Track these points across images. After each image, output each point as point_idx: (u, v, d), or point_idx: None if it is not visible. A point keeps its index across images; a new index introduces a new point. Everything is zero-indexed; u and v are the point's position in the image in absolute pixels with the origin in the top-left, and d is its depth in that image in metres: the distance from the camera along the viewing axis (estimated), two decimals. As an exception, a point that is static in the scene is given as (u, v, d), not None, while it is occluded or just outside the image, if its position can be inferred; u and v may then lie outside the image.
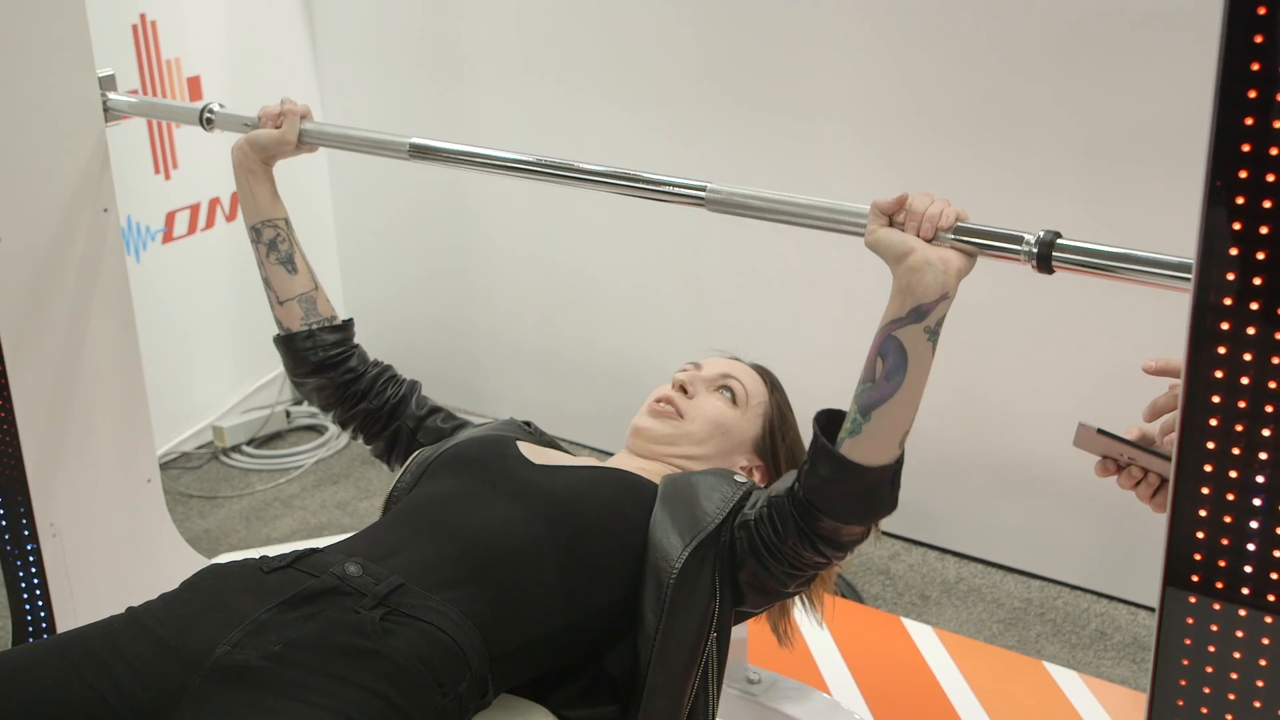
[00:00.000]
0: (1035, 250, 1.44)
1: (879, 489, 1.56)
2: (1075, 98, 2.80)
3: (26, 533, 2.29)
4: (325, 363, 2.03)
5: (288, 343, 2.05)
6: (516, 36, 3.59)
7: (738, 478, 1.76)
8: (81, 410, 2.34)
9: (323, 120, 4.06)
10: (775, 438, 1.95)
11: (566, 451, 1.98)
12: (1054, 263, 1.44)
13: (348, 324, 2.08)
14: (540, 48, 3.57)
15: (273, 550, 1.71)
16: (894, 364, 1.50)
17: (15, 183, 2.17)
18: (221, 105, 2.24)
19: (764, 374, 1.99)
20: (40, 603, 2.34)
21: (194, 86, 3.63)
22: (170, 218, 3.67)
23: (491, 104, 3.70)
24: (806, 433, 1.95)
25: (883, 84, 3.04)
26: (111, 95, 2.32)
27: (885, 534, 3.36)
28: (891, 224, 1.51)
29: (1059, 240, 1.44)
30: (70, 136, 2.24)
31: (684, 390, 1.94)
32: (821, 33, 3.08)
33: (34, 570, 2.32)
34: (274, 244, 2.06)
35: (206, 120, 2.23)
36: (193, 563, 2.60)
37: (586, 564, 1.67)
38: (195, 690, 1.45)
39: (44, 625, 2.36)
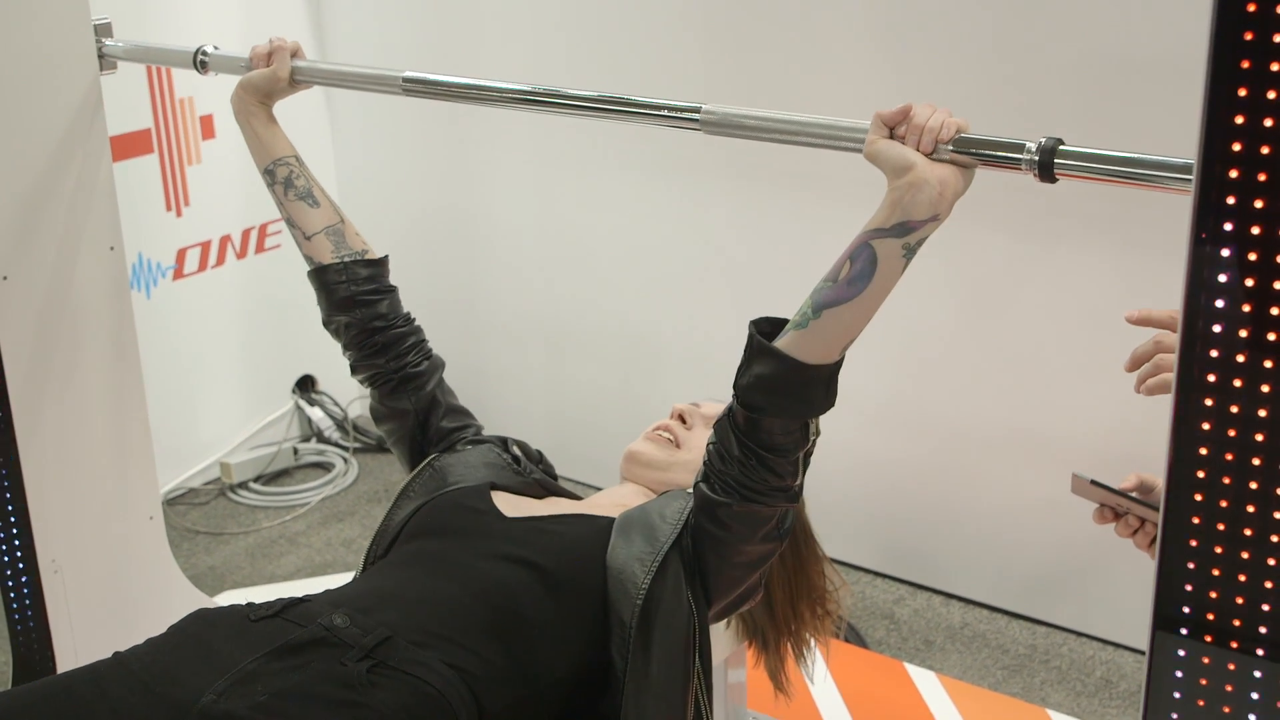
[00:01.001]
0: (1037, 158, 1.41)
1: (813, 386, 1.54)
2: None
3: (28, 568, 2.30)
4: (356, 298, 2.00)
5: (320, 275, 2.02)
6: (526, 71, 3.61)
7: (690, 490, 1.75)
8: (84, 447, 2.34)
9: (335, 162, 4.09)
10: None
11: (545, 485, 1.98)
12: (1056, 170, 1.41)
13: (383, 260, 2.06)
14: (551, 84, 3.58)
15: (268, 590, 1.71)
16: (860, 270, 1.47)
17: (22, 221, 2.18)
18: (216, 47, 2.24)
19: None
20: (41, 640, 2.34)
21: (206, 124, 3.66)
22: (181, 255, 3.69)
23: (501, 141, 3.72)
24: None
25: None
26: (106, 42, 2.30)
27: (890, 578, 3.35)
28: (892, 135, 1.48)
29: (1061, 147, 1.41)
30: (80, 179, 2.26)
31: (682, 420, 1.95)
32: (830, 73, 3.10)
33: (35, 606, 2.32)
34: (289, 181, 2.05)
35: (201, 63, 2.23)
36: (194, 601, 2.60)
37: (578, 611, 1.67)
38: None
39: (45, 663, 2.36)
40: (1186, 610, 1.18)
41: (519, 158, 3.71)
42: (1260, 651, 1.16)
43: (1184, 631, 1.19)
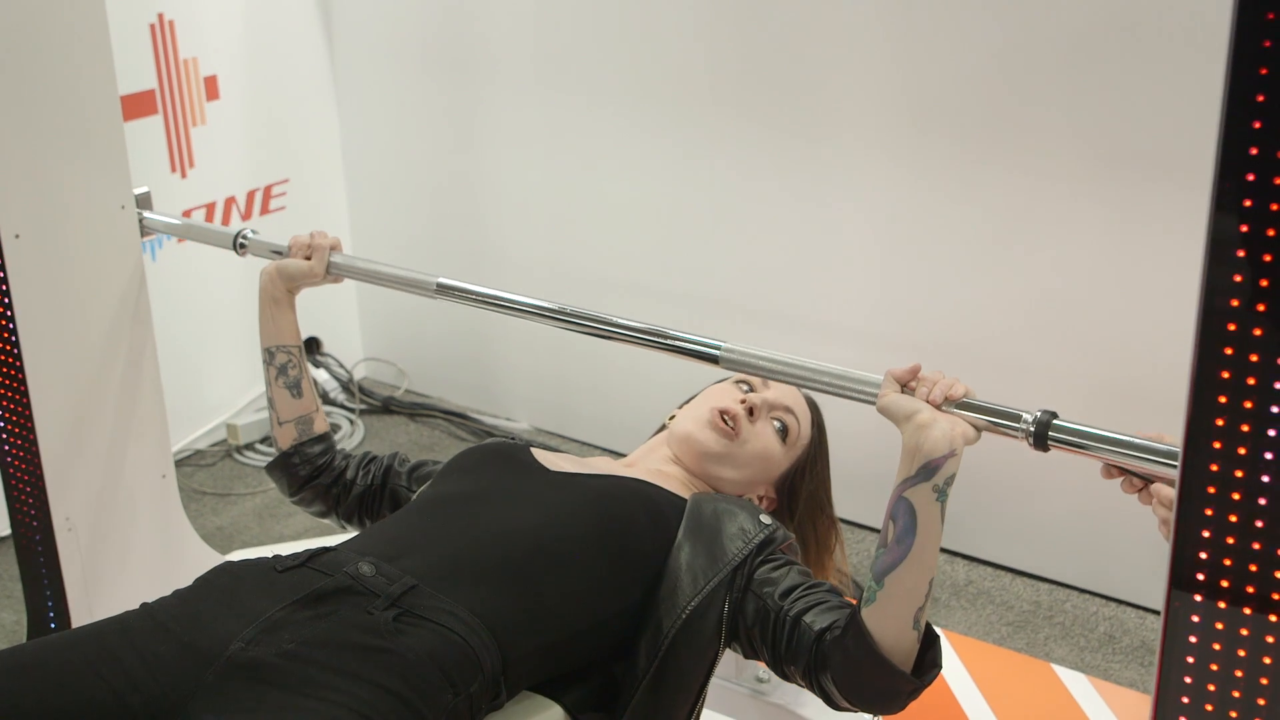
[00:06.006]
0: (1033, 430, 1.50)
1: (892, 695, 1.55)
2: (1086, 108, 2.81)
3: (41, 527, 2.31)
4: (315, 473, 2.10)
5: (281, 464, 2.12)
6: (532, 39, 3.61)
7: (763, 517, 1.76)
8: (98, 405, 2.35)
9: (340, 125, 4.08)
10: (801, 479, 1.97)
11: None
12: (1049, 441, 1.50)
13: (328, 433, 2.15)
14: (556, 53, 3.58)
15: (286, 548, 1.73)
16: (904, 526, 1.51)
17: (33, 179, 2.19)
18: (255, 232, 2.33)
19: (814, 410, 2.01)
20: (55, 597, 2.36)
21: (210, 85, 3.65)
22: (186, 216, 3.68)
23: (506, 106, 3.72)
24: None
25: (894, 93, 3.05)
26: (146, 214, 2.40)
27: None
28: (903, 391, 1.57)
29: (1055, 421, 1.50)
30: (91, 137, 2.26)
31: (750, 413, 1.93)
32: (834, 42, 3.09)
33: (48, 564, 2.33)
34: (284, 368, 2.12)
35: (240, 246, 2.32)
36: (207, 558, 2.62)
37: (612, 568, 1.69)
38: (208, 686, 1.46)
39: (59, 619, 2.38)
40: (1201, 573, 1.19)
41: (532, 130, 3.71)
42: (1274, 616, 1.17)
43: (1199, 593, 1.20)
